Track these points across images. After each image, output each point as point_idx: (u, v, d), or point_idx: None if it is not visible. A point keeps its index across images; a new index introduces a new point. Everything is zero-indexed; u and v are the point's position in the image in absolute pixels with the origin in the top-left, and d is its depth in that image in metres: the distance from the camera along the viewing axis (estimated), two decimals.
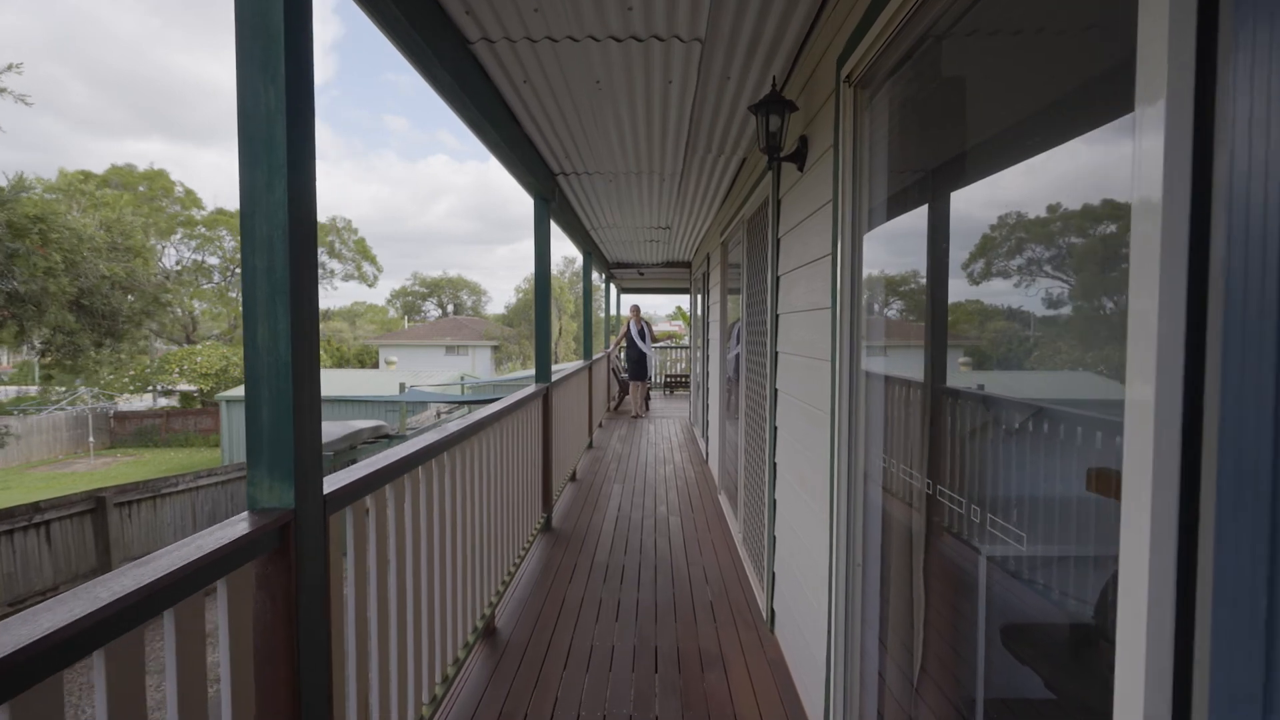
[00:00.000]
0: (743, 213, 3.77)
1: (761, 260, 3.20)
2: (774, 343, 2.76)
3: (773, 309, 2.77)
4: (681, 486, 5.54)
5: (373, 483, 1.62)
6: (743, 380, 3.80)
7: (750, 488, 3.54)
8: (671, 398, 13.06)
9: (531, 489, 3.83)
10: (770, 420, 2.80)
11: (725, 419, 5.13)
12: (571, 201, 4.89)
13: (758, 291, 3.32)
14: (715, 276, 5.62)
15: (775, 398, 2.75)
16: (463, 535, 2.47)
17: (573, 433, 5.57)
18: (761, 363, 3.16)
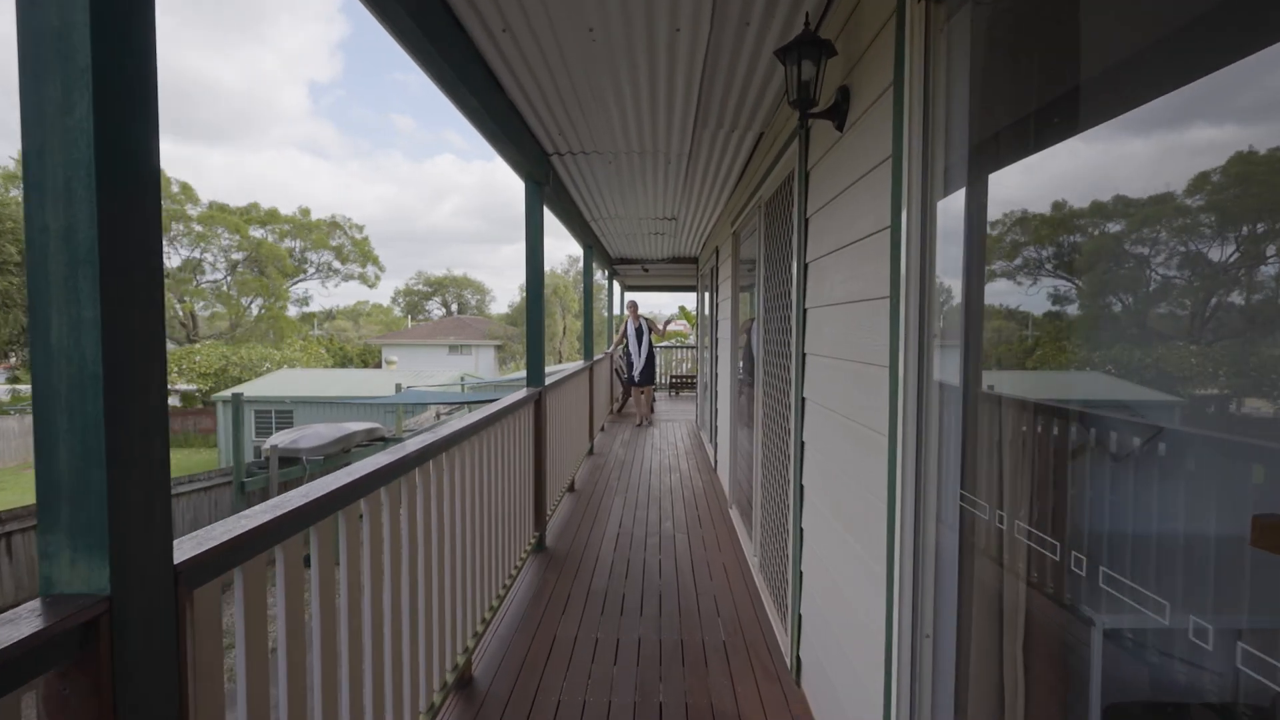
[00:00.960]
0: (759, 195, 3.34)
1: (783, 247, 2.77)
2: (800, 342, 2.33)
3: (799, 303, 2.34)
4: (689, 498, 5.12)
5: (281, 528, 1.20)
6: (759, 384, 3.37)
7: (769, 509, 3.11)
8: (677, 399, 12.63)
9: (521, 507, 3.41)
10: (795, 434, 2.37)
11: (737, 424, 4.70)
12: (568, 186, 4.47)
13: (778, 284, 2.89)
14: (725, 271, 5.19)
15: (802, 407, 2.32)
16: (430, 573, 2.05)
17: (571, 440, 5.15)
18: (783, 365, 2.73)
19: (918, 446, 1.32)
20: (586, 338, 6.85)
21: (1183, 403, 0.82)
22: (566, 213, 5.00)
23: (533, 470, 3.67)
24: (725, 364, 5.28)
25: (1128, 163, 0.86)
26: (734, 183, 4.20)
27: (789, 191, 2.63)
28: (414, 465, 1.96)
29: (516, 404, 3.26)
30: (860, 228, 1.65)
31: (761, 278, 3.33)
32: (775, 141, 2.92)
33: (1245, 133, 0.69)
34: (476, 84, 2.47)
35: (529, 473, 3.59)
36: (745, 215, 3.96)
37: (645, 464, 6.35)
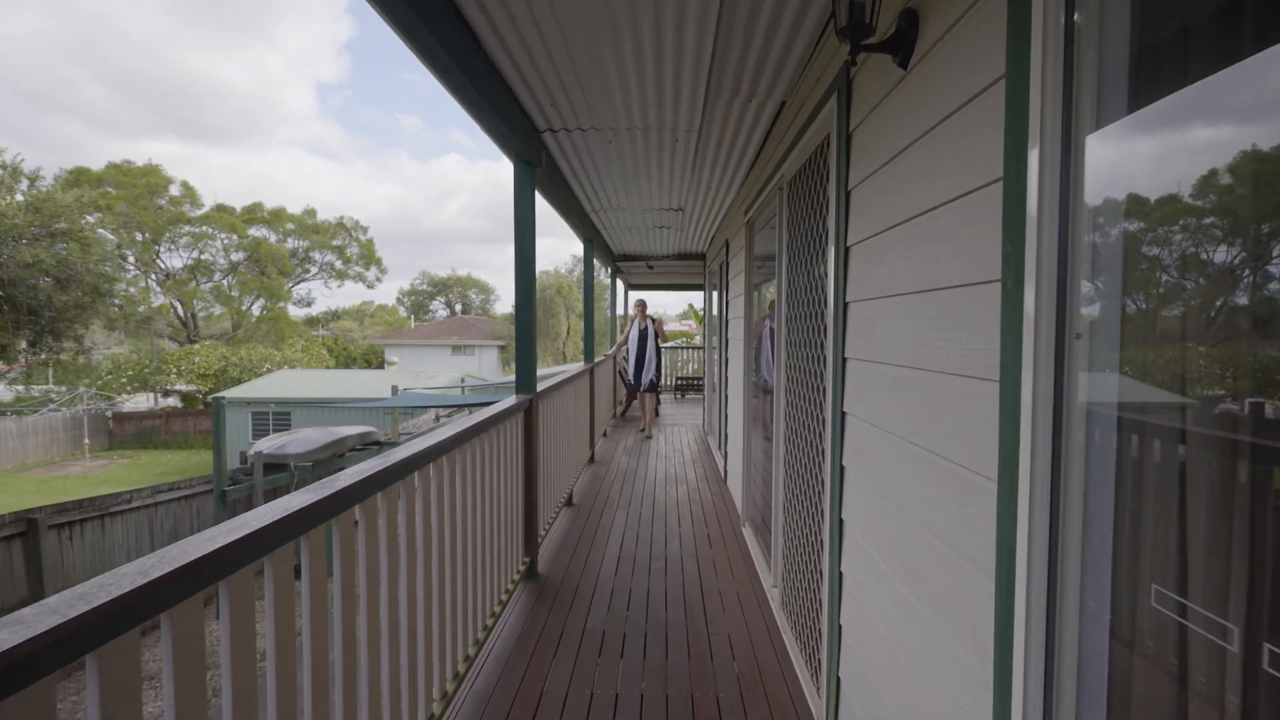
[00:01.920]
0: (779, 175, 2.90)
1: (813, 231, 2.33)
2: (839, 344, 1.89)
3: (838, 296, 1.91)
4: (697, 513, 4.68)
5: (155, 594, 0.78)
6: (780, 392, 2.93)
7: (795, 540, 2.67)
8: (683, 402, 12.20)
9: (508, 531, 2.99)
10: (832, 456, 1.94)
11: (751, 433, 4.26)
12: (564, 170, 4.04)
13: (806, 275, 2.45)
14: (737, 265, 4.75)
15: (841, 424, 1.88)
16: (395, 622, 1.64)
17: (568, 450, 4.73)
18: (813, 371, 2.29)
19: (1054, 502, 0.89)
20: (587, 338, 6.43)
21: None
22: (564, 202, 4.58)
23: (522, 489, 3.24)
24: (737, 366, 4.84)
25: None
26: (749, 163, 3.77)
27: (821, 164, 2.20)
28: (369, 492, 1.55)
29: (502, 414, 2.84)
30: (939, 191, 1.22)
31: (784, 269, 2.90)
32: (802, 109, 2.48)
33: None
34: (450, 39, 2.05)
35: (518, 492, 3.16)
36: (762, 200, 3.52)
37: (650, 474, 5.92)
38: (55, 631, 0.70)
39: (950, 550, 1.16)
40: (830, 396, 1.96)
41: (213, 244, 26.54)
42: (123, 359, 24.95)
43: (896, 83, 1.46)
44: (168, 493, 7.36)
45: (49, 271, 16.12)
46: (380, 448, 10.59)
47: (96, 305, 19.33)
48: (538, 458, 3.45)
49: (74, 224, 17.90)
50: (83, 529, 6.26)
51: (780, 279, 2.98)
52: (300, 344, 27.28)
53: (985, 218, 1.04)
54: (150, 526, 7.13)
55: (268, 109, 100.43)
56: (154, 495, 7.22)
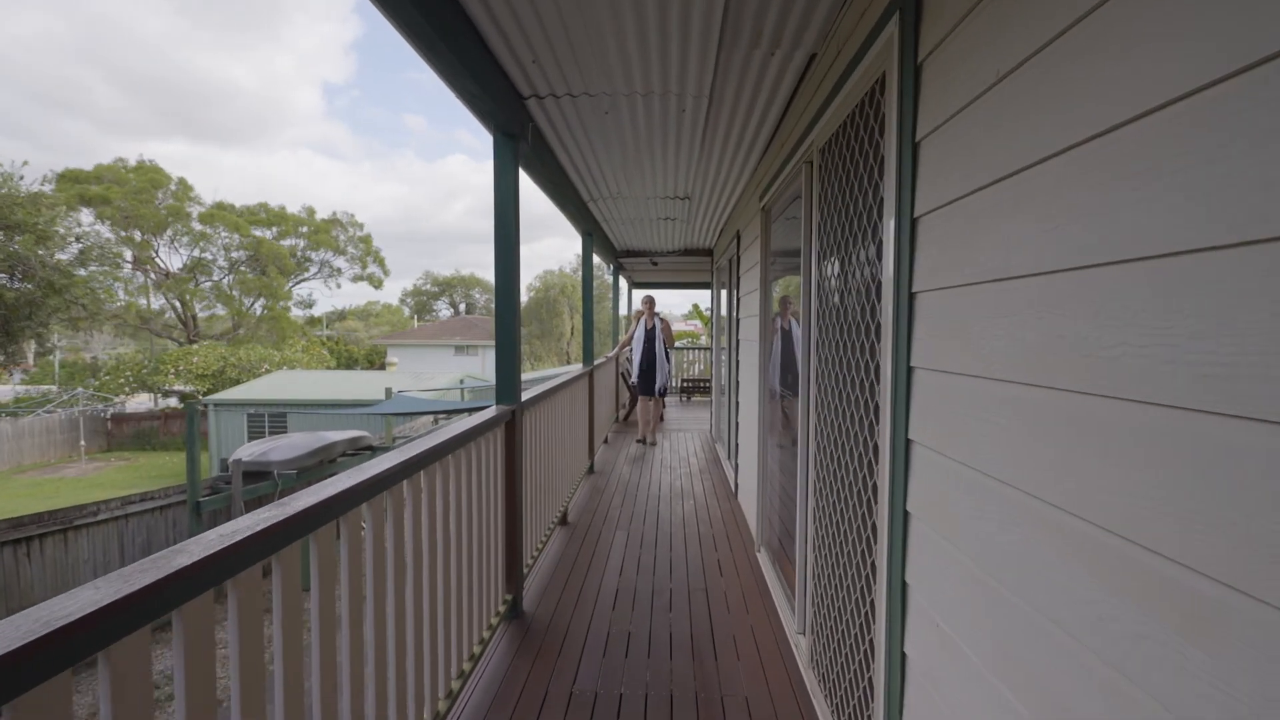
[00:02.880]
0: (808, 144, 2.42)
1: (856, 203, 1.85)
2: (903, 350, 1.42)
3: (899, 284, 1.43)
4: (705, 534, 4.21)
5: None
6: (810, 405, 2.45)
7: (828, 585, 2.18)
8: (688, 405, 11.71)
9: (485, 565, 2.53)
10: (891, 498, 1.46)
11: (767, 445, 3.78)
12: (554, 147, 3.56)
13: (844, 259, 1.97)
14: (751, 257, 4.27)
15: (906, 456, 1.41)
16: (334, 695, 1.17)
17: (563, 463, 4.26)
18: (856, 383, 1.81)
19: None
20: (586, 339, 5.97)
21: None
22: (556, 187, 4.11)
23: (502, 516, 2.78)
24: (750, 370, 4.36)
25: None
26: (768, 135, 3.28)
27: (870, 117, 1.72)
28: (310, 527, 1.13)
29: (475, 430, 2.37)
30: (1137, 92, 0.74)
31: (811, 257, 2.41)
32: (840, 56, 2.00)
33: None
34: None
35: (497, 520, 2.70)
36: (782, 180, 3.04)
37: (653, 486, 5.45)
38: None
39: (1140, 689, 0.68)
40: (887, 419, 1.48)
41: (213, 243, 26.20)
42: (127, 358, 24.67)
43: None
44: (139, 503, 6.93)
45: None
46: (373, 453, 10.16)
47: (50, 302, 18.44)
48: (522, 478, 2.98)
49: (29, 216, 17.09)
50: (42, 545, 5.82)
51: (808, 269, 2.50)
52: (301, 344, 26.92)
53: (1224, 142, 0.56)
54: (120, 540, 6.69)
55: (275, 110, 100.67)
56: (124, 506, 6.79)
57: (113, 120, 77.83)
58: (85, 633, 0.75)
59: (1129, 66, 0.74)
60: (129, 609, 0.82)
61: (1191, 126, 0.65)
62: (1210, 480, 0.61)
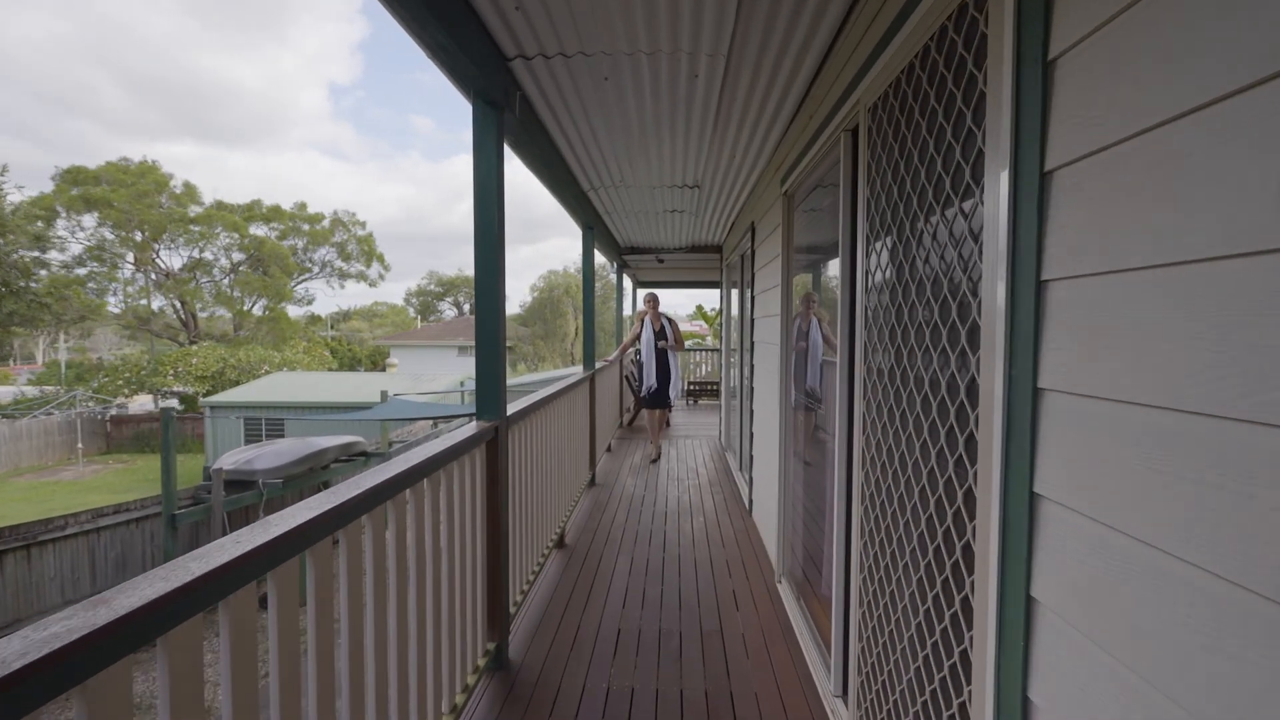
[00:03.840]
0: (851, 105, 1.98)
1: (930, 167, 1.41)
2: (1026, 365, 0.99)
3: (1015, 271, 1.00)
4: (718, 559, 3.77)
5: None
6: (853, 430, 2.01)
7: (884, 657, 1.74)
8: (695, 409, 11.27)
9: (462, 611, 2.11)
10: (1001, 575, 1.03)
11: (788, 461, 3.35)
12: (546, 121, 3.13)
13: (906, 243, 1.54)
14: (769, 250, 3.84)
15: (1029, 519, 0.98)
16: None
17: (560, 480, 3.84)
18: (933, 406, 1.37)
19: None
20: (587, 342, 5.55)
21: None
22: (551, 172, 3.68)
23: (483, 552, 2.35)
24: (768, 376, 3.93)
25: None
26: (795, 102, 2.83)
27: (954, 46, 1.28)
28: (226, 590, 0.77)
29: (449, 453, 1.96)
30: None
31: (857, 240, 1.98)
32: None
33: None
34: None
35: (476, 558, 2.27)
36: (813, 156, 2.60)
37: (660, 501, 5.02)
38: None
39: None
40: (996, 461, 1.04)
41: (213, 243, 25.89)
42: (132, 359, 24.42)
43: None
44: (112, 516, 6.53)
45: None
46: (368, 459, 9.77)
47: (4, 304, 17.59)
48: (508, 505, 2.56)
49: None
50: (1, 563, 5.43)
51: (850, 258, 2.07)
52: (302, 345, 26.60)
53: None
54: (90, 556, 6.29)
55: (282, 110, 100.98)
56: (95, 519, 6.39)
57: (120, 121, 78.04)
58: None
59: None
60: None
61: None
62: None
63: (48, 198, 22.35)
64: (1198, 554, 0.67)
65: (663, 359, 6.41)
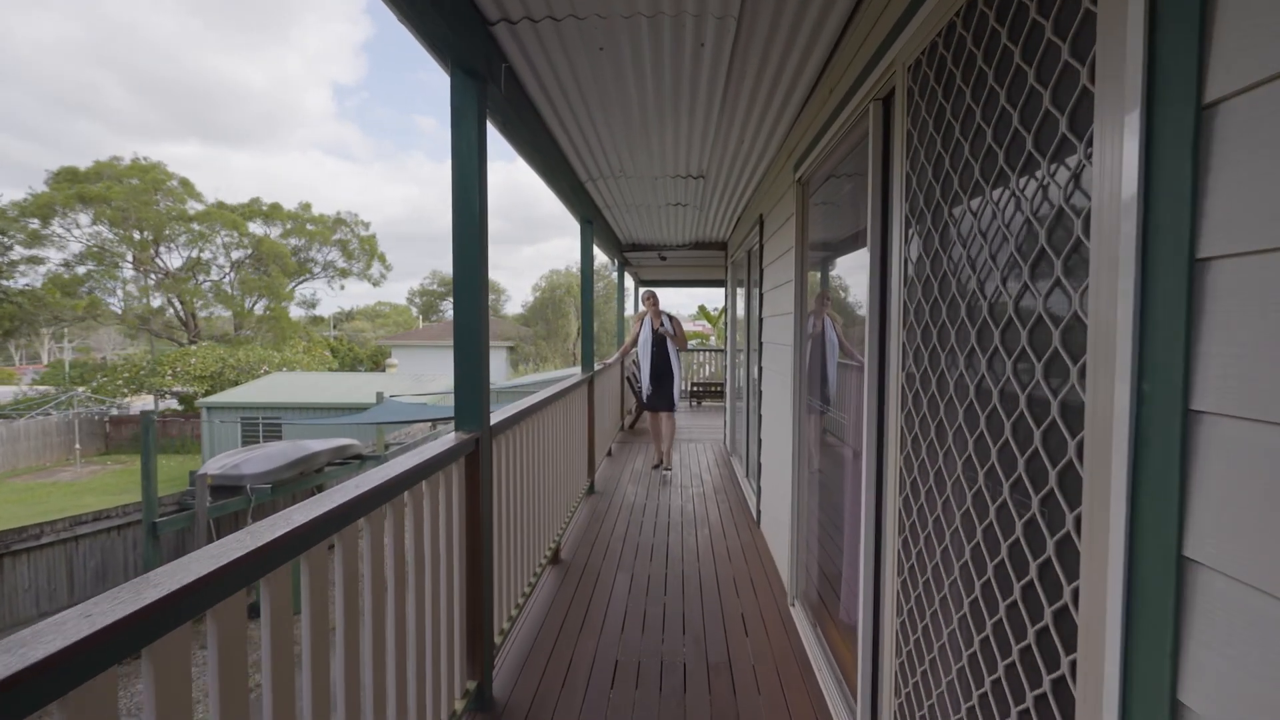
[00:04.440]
0: (886, 66, 1.71)
1: (997, 127, 1.13)
2: (1175, 386, 0.71)
3: (1149, 247, 0.72)
4: (725, 577, 3.50)
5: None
6: (887, 448, 1.73)
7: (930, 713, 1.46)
8: (699, 410, 10.99)
9: (436, 647, 1.84)
10: (1130, 665, 0.75)
11: (802, 473, 3.07)
12: (536, 99, 2.86)
13: (962, 223, 1.26)
14: (780, 243, 3.56)
15: (1178, 587, 0.70)
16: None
17: (555, 491, 3.57)
18: (1008, 425, 1.09)
19: None
20: (586, 343, 5.27)
21: None
22: (545, 159, 3.41)
23: (462, 579, 2.08)
24: (779, 379, 3.65)
25: None
26: (814, 74, 2.54)
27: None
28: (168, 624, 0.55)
29: (421, 469, 1.70)
30: None
31: (893, 223, 1.70)
32: None
33: None
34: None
35: (454, 585, 2.00)
36: (834, 136, 2.32)
37: (662, 510, 4.74)
38: None
39: None
40: (1117, 511, 0.76)
41: (211, 241, 25.68)
42: (137, 358, 24.27)
43: None
44: (91, 524, 6.27)
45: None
46: (363, 462, 9.51)
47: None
48: (493, 524, 2.28)
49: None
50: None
51: (881, 245, 1.79)
52: (302, 345, 26.39)
53: None
54: (68, 565, 6.04)
55: (286, 111, 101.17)
56: (73, 528, 6.12)
57: (126, 122, 78.10)
58: None
59: None
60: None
61: None
62: None
63: (42, 197, 22.19)
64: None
65: (662, 353, 5.81)
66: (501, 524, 2.50)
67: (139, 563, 6.47)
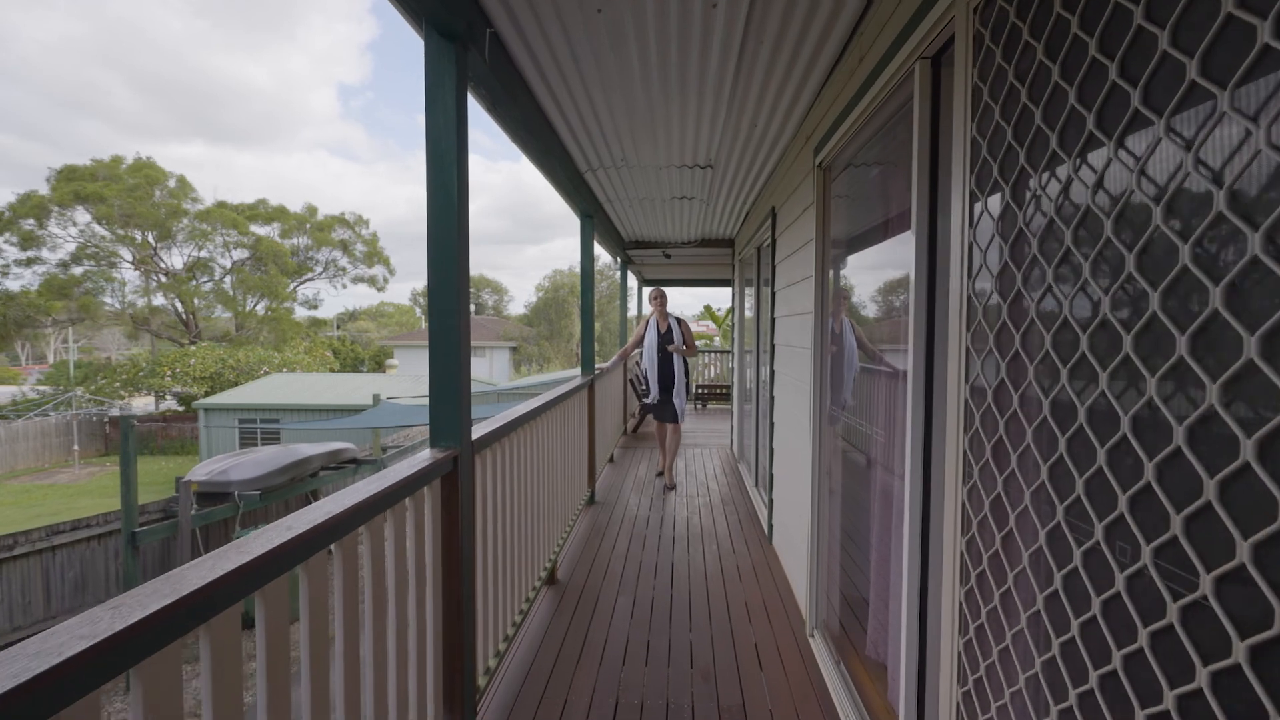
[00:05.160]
0: (941, 14, 1.41)
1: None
2: None
3: None
4: (735, 599, 3.20)
5: None
6: (947, 480, 1.44)
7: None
8: (703, 413, 10.69)
9: (403, 697, 1.55)
10: None
11: (821, 489, 2.78)
12: (525, 70, 2.57)
13: (1066, 182, 0.96)
14: (796, 236, 3.27)
15: None
16: None
17: (551, 505, 3.28)
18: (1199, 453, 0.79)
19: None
20: (585, 345, 4.99)
21: None
22: (539, 141, 3.13)
23: (437, 617, 1.80)
24: (795, 385, 3.36)
25: None
26: (845, 32, 2.22)
27: None
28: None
29: (388, 494, 1.42)
30: None
31: (954, 197, 1.41)
32: None
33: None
34: None
35: (427, 625, 1.71)
36: (867, 108, 2.03)
37: (666, 523, 4.45)
38: None
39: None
40: None
41: (210, 240, 25.49)
42: (141, 358, 24.12)
43: None
44: (69, 533, 6.00)
45: None
46: (358, 467, 9.25)
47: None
48: (475, 551, 2.00)
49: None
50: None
51: (929, 230, 1.50)
52: (303, 345, 26.19)
53: None
54: (45, 577, 5.78)
55: (292, 111, 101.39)
56: (49, 537, 5.85)
57: (132, 123, 78.25)
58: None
59: None
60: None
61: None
62: None
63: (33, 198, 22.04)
64: None
65: (667, 361, 5.32)
66: (487, 550, 2.22)
67: (120, 573, 6.22)
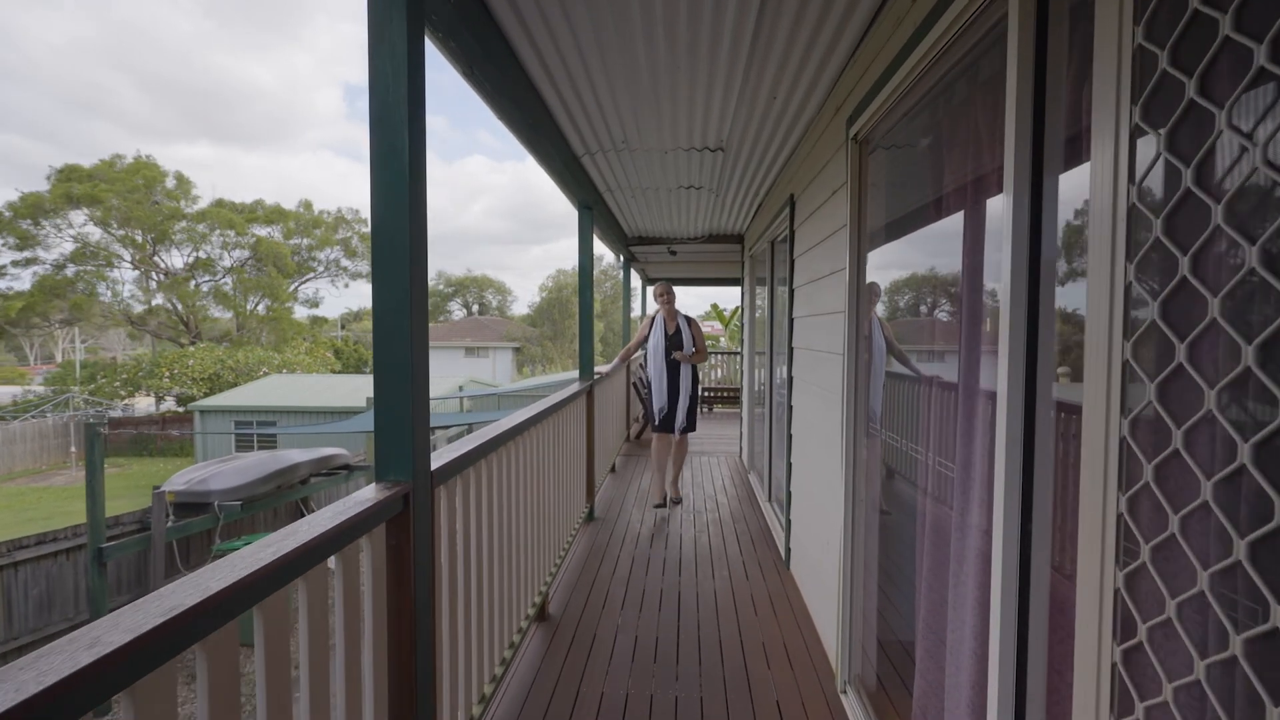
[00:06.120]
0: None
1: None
2: None
3: None
4: (751, 639, 2.80)
5: None
6: (1082, 533, 1.03)
7: None
8: (709, 417, 10.29)
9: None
10: None
11: (859, 519, 2.38)
12: (507, 29, 2.17)
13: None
14: (824, 223, 2.87)
15: None
16: None
17: (540, 531, 2.88)
18: None
19: None
20: (584, 348, 4.60)
21: None
22: (526, 114, 2.73)
23: (377, 701, 1.40)
24: (822, 395, 2.96)
25: None
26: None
27: None
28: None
29: (288, 564, 1.02)
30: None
31: (1102, 142, 1.01)
32: None
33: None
34: None
35: (363, 712, 1.32)
36: (925, 55, 1.63)
37: (672, 543, 4.05)
38: None
39: None
40: None
41: (209, 242, 25.24)
42: (146, 358, 23.90)
43: None
44: (34, 547, 5.63)
45: None
46: (350, 473, 8.89)
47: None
48: (426, 612, 1.60)
49: None
50: None
51: (1031, 186, 1.11)
52: (304, 346, 25.91)
53: None
54: (6, 596, 5.41)
55: (297, 112, 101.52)
56: (11, 553, 5.47)
57: (139, 124, 78.35)
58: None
59: None
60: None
61: None
62: None
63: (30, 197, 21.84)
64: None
65: (673, 367, 4.64)
66: (456, 598, 1.83)
67: (91, 590, 5.88)
